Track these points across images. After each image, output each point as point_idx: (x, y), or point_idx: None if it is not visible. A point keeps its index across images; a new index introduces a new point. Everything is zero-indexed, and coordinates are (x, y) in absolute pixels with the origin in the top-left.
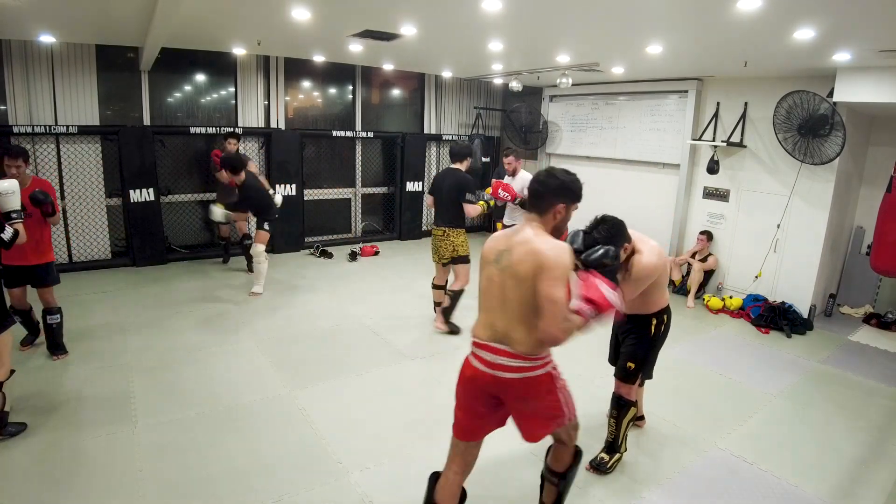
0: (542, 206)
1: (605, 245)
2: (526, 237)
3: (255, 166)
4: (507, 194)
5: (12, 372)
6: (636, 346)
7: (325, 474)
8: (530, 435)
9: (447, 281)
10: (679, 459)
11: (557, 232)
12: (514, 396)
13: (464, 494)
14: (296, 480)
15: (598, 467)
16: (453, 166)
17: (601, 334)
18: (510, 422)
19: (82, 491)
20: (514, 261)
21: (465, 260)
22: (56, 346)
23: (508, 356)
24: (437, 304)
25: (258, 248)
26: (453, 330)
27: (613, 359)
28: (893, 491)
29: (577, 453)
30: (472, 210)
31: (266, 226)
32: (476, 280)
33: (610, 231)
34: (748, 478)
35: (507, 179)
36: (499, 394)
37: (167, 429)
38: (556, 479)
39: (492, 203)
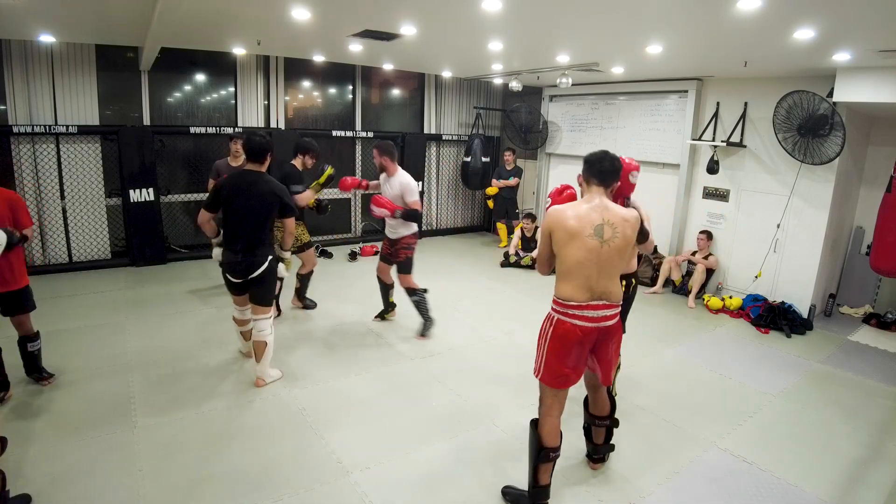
0: (610, 182)
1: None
2: (614, 209)
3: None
4: (384, 210)
5: (4, 442)
6: None
7: (325, 474)
8: (609, 377)
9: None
10: (679, 459)
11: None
12: (612, 339)
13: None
14: (296, 480)
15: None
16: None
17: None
18: None
19: (82, 491)
20: (620, 231)
21: (309, 246)
22: (40, 371)
23: (609, 307)
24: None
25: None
26: (308, 305)
27: None
28: (893, 491)
29: (611, 395)
30: (302, 199)
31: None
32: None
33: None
34: (748, 478)
35: (382, 179)
36: (600, 341)
37: (167, 429)
38: (606, 421)
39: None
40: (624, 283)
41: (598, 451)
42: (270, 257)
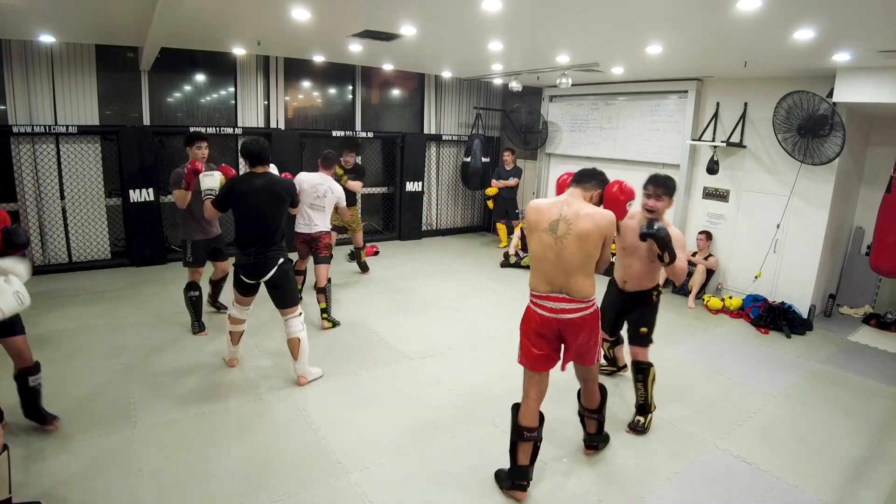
0: (584, 182)
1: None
2: (575, 206)
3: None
4: None
5: (5, 448)
6: (644, 313)
7: (325, 474)
8: (587, 359)
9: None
10: (679, 459)
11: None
12: (576, 332)
13: (541, 417)
14: (295, 480)
15: (637, 428)
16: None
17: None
18: None
19: (82, 491)
20: (574, 228)
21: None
22: (40, 414)
23: (569, 302)
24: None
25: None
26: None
27: (612, 330)
28: (893, 491)
29: (603, 389)
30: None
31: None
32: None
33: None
34: (748, 478)
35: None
36: (564, 332)
37: (167, 429)
38: (596, 414)
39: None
40: (653, 293)
41: (592, 440)
42: (282, 259)
